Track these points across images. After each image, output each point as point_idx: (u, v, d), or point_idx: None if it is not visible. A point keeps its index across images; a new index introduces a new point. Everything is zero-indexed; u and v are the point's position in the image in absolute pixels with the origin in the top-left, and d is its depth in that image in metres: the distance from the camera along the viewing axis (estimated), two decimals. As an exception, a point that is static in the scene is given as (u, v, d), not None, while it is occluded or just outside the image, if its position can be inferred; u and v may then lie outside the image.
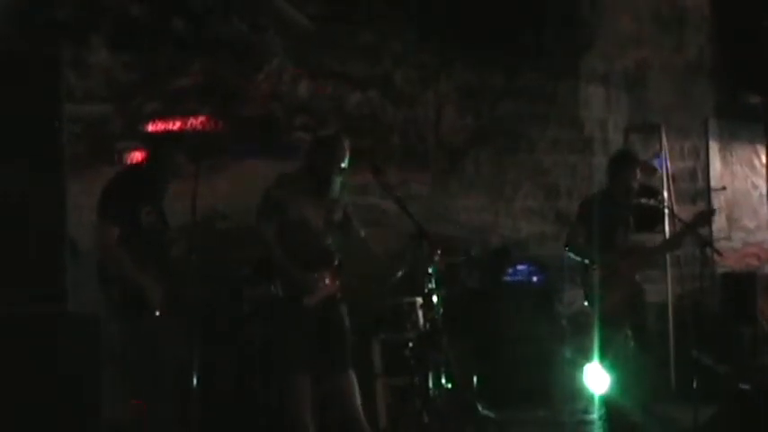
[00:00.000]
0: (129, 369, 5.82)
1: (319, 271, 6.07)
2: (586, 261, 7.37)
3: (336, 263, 6.20)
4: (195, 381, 5.65)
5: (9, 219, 6.17)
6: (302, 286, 6.00)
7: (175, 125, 7.77)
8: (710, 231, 9.74)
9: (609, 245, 7.33)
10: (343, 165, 6.13)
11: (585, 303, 7.52)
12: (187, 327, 5.80)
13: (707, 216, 7.73)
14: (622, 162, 7.55)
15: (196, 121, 7.98)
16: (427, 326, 7.14)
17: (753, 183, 10.97)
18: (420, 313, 7.27)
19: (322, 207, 6.14)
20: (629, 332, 7.38)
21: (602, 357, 7.31)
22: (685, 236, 7.57)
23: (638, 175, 7.48)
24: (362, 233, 6.36)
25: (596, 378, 7.44)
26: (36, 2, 7.50)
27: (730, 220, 10.55)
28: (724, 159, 10.75)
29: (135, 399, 5.80)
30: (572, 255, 7.50)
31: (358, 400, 6.28)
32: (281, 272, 6.03)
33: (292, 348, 6.01)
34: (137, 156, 7.38)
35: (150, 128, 7.71)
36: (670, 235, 8.60)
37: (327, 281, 6.12)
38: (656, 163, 9.48)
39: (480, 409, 7.31)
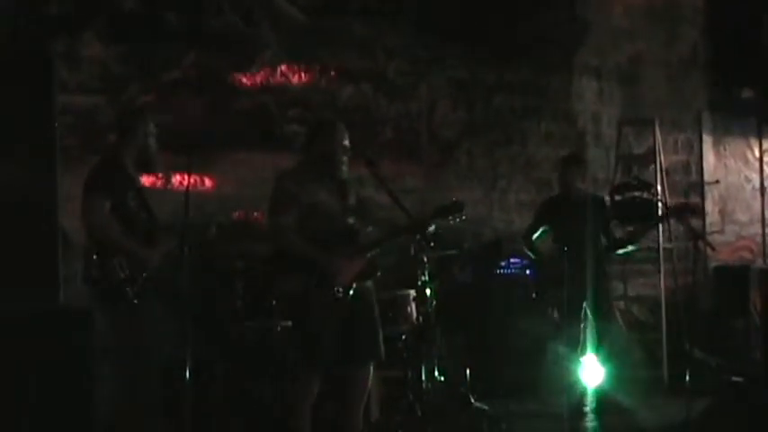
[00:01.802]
0: (113, 359, 5.76)
1: (346, 250, 6.02)
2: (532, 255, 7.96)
3: (360, 240, 6.15)
4: (188, 375, 5.63)
5: (0, 210, 6.18)
6: (331, 269, 5.95)
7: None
8: (703, 225, 9.76)
9: (573, 242, 7.40)
10: (346, 143, 6.13)
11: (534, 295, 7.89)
12: (180, 322, 5.76)
13: (689, 209, 7.75)
14: (566, 164, 7.93)
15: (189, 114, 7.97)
16: (420, 319, 7.16)
17: (746, 176, 10.99)
18: (413, 306, 7.27)
19: (334, 190, 6.11)
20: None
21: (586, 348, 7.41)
22: (660, 222, 7.72)
23: (580, 174, 7.89)
24: (380, 213, 6.34)
25: (589, 371, 7.46)
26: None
27: (723, 213, 10.58)
28: (717, 153, 10.77)
29: (120, 390, 5.75)
30: (526, 251, 7.97)
31: (363, 397, 6.23)
32: (308, 260, 5.96)
33: (315, 344, 5.93)
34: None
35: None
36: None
37: (355, 259, 6.06)
38: None
39: (473, 401, 7.32)
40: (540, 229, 7.84)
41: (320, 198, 6.02)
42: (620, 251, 7.80)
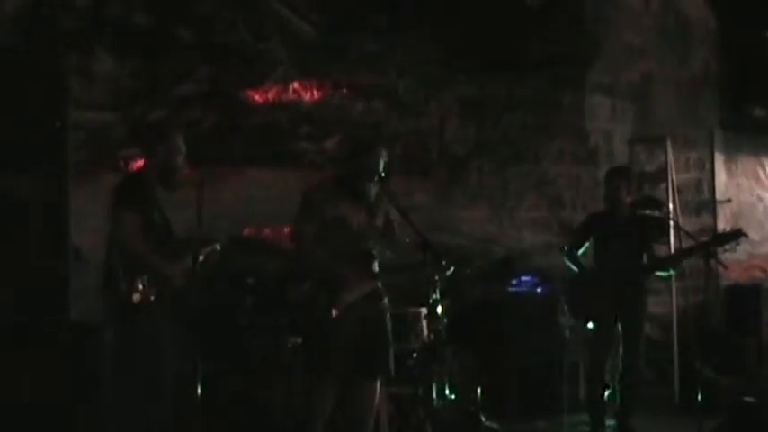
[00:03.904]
0: (128, 375, 5.75)
1: (358, 271, 6.07)
2: (574, 268, 7.61)
3: (375, 265, 6.19)
4: (198, 390, 5.63)
5: (13, 225, 6.19)
6: (341, 283, 6.01)
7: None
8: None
9: (614, 259, 7.37)
10: (377, 173, 6.16)
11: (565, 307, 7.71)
12: (191, 335, 5.76)
13: (733, 236, 7.56)
14: (609, 177, 7.69)
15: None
16: (431, 336, 7.14)
17: (758, 195, 10.96)
18: (424, 324, 7.25)
19: (361, 210, 6.16)
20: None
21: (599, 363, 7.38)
22: (702, 250, 7.54)
23: (627, 188, 7.56)
24: (407, 240, 6.35)
25: (600, 388, 7.43)
26: (41, 11, 7.50)
27: (735, 232, 10.53)
28: (729, 171, 10.74)
29: (134, 405, 5.73)
30: (567, 262, 7.68)
31: (370, 413, 6.24)
32: (320, 270, 6.05)
33: (326, 352, 5.99)
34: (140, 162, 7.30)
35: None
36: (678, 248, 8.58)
37: (366, 281, 6.11)
38: None
39: (483, 419, 7.30)
40: (585, 245, 7.68)
41: (343, 214, 6.10)
42: (660, 273, 7.72)
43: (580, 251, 7.63)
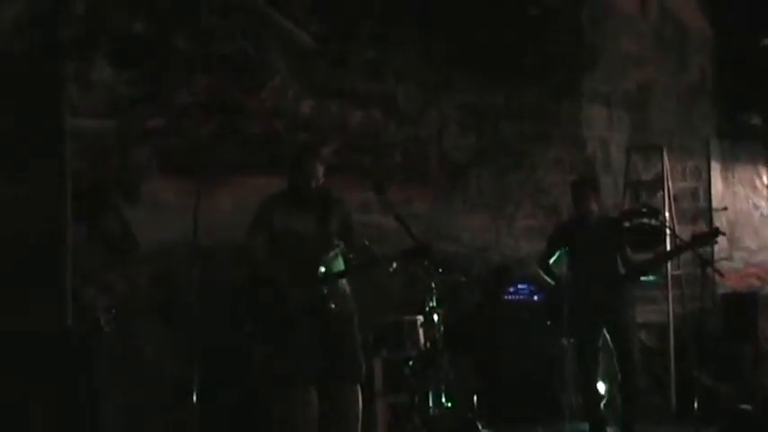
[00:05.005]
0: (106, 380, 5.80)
1: (309, 280, 6.10)
2: (549, 280, 7.64)
3: (325, 272, 6.21)
4: (195, 397, 5.64)
5: (10, 234, 6.20)
6: (288, 296, 6.05)
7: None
8: (712, 251, 9.74)
9: (589, 266, 7.38)
10: (314, 178, 6.26)
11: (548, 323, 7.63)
12: (188, 342, 5.79)
13: (710, 236, 7.63)
14: (575, 187, 7.73)
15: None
16: (428, 344, 7.15)
17: (754, 203, 10.96)
18: (421, 331, 7.27)
19: (311, 218, 6.22)
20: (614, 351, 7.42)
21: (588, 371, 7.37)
22: (681, 252, 7.61)
23: (595, 197, 7.61)
24: (366, 241, 6.38)
25: (596, 395, 7.44)
26: (39, 18, 7.52)
27: (731, 240, 10.54)
28: (725, 179, 10.75)
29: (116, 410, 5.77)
30: (542, 274, 7.72)
31: (354, 418, 6.27)
32: (267, 283, 6.13)
33: (290, 361, 6.06)
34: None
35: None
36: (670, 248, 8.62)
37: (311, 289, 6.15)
38: None
39: (480, 427, 7.30)
40: (556, 255, 7.68)
41: (292, 223, 6.24)
42: (641, 278, 7.71)
43: (551, 260, 7.64)
